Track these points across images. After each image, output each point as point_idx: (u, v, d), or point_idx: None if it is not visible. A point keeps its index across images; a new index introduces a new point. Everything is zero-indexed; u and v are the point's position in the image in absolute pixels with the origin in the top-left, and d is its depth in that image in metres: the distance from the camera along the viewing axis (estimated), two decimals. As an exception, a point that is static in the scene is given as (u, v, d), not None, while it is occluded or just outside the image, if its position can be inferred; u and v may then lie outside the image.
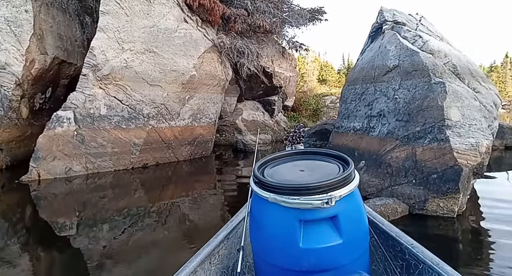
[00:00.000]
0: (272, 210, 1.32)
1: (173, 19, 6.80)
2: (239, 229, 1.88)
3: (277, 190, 1.30)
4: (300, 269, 1.28)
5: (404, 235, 1.58)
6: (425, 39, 4.99)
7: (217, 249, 1.63)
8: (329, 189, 1.24)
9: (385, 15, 5.69)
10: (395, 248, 1.58)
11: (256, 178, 1.43)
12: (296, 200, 1.23)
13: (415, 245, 1.48)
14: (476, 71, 5.33)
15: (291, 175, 1.46)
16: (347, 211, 1.30)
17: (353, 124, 5.93)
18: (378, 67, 5.48)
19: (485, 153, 4.00)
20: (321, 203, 1.21)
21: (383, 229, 1.68)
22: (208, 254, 1.53)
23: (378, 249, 1.68)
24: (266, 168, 1.57)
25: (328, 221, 1.28)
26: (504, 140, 8.89)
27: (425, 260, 1.36)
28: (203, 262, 1.49)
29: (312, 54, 46.34)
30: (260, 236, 1.44)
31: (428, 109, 4.40)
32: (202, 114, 7.67)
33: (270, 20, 8.51)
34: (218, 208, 4.72)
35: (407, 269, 1.49)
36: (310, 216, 1.26)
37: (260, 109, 11.10)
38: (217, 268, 1.62)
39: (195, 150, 7.69)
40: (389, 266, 1.59)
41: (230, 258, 1.76)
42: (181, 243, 3.43)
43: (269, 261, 1.38)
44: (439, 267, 1.30)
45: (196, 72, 7.24)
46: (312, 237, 1.26)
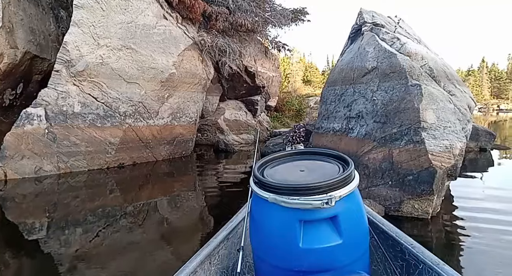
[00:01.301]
0: (272, 210, 1.32)
1: (151, 15, 6.63)
2: (239, 229, 1.88)
3: (277, 190, 1.29)
4: (300, 269, 1.28)
5: (404, 235, 1.58)
6: (402, 41, 5.04)
7: (217, 249, 1.62)
8: (329, 189, 1.24)
9: (365, 17, 5.72)
10: (395, 248, 1.58)
11: (256, 178, 1.42)
12: (296, 200, 1.23)
13: (415, 245, 1.48)
14: (451, 74, 5.42)
15: (291, 175, 1.45)
16: (347, 211, 1.30)
17: (333, 125, 5.94)
18: (357, 68, 5.50)
19: (459, 155, 4.06)
20: (321, 203, 1.21)
21: (383, 229, 1.68)
22: (208, 254, 1.53)
23: (378, 249, 1.68)
24: (266, 168, 1.56)
25: (328, 221, 1.28)
26: (478, 142, 9.13)
27: (425, 260, 1.37)
28: (203, 262, 1.49)
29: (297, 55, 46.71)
30: (260, 236, 1.44)
31: (404, 111, 4.44)
32: (182, 113, 7.52)
33: (252, 19, 8.45)
34: (198, 209, 4.62)
35: (407, 269, 1.49)
36: (310, 216, 1.26)
37: (242, 109, 11.02)
38: (217, 268, 1.62)
39: (175, 150, 7.54)
40: (389, 266, 1.59)
41: (230, 258, 1.76)
42: (159, 244, 3.33)
43: (269, 261, 1.38)
44: (439, 267, 1.30)
45: (176, 70, 7.08)
46: (312, 237, 1.26)
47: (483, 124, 22.23)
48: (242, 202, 4.78)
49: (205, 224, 3.99)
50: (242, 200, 4.85)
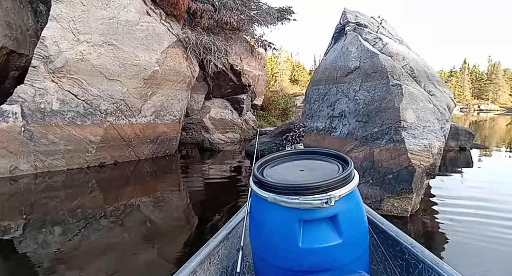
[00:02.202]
0: (271, 210, 1.32)
1: (134, 11, 6.49)
2: (238, 229, 1.87)
3: (276, 190, 1.29)
4: (300, 269, 1.27)
5: (403, 234, 1.58)
6: (384, 42, 5.11)
7: (216, 249, 1.62)
8: (328, 189, 1.23)
9: (348, 17, 5.77)
10: (394, 248, 1.58)
11: (255, 178, 1.42)
12: (296, 200, 1.23)
13: (415, 244, 1.48)
14: (432, 75, 5.52)
15: (291, 175, 1.45)
16: (347, 211, 1.30)
17: (316, 124, 5.98)
18: (340, 68, 5.54)
19: (437, 154, 4.14)
20: (321, 203, 1.21)
21: (383, 228, 1.68)
22: (207, 254, 1.52)
23: (377, 248, 1.68)
24: (265, 168, 1.56)
25: (327, 221, 1.28)
26: (459, 141, 9.33)
27: (425, 260, 1.37)
28: (203, 262, 1.48)
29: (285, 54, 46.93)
30: (259, 236, 1.43)
31: (385, 110, 4.49)
32: (165, 111, 7.42)
33: (238, 17, 8.40)
34: (183, 208, 4.56)
35: (406, 268, 1.50)
36: (310, 216, 1.26)
37: (228, 108, 10.97)
38: (217, 268, 1.62)
39: (158, 149, 7.43)
40: (389, 265, 1.59)
41: (230, 258, 1.76)
42: (141, 244, 3.26)
43: (268, 261, 1.38)
44: (439, 266, 1.30)
45: (159, 67, 6.97)
46: (311, 237, 1.26)
47: (465, 124, 22.87)
48: (228, 201, 4.76)
49: (189, 224, 3.93)
50: (227, 198, 4.85)
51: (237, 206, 4.39)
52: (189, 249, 3.05)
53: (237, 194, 5.00)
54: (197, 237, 3.38)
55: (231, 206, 4.39)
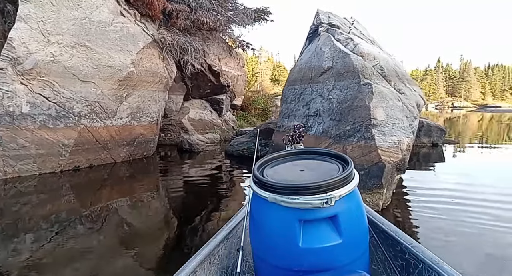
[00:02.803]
0: (271, 210, 1.32)
1: (107, 12, 6.39)
2: (238, 229, 1.87)
3: (276, 190, 1.29)
4: (300, 269, 1.27)
5: (404, 234, 1.58)
6: (356, 42, 5.26)
7: (216, 249, 1.61)
8: (328, 189, 1.23)
9: (321, 18, 5.89)
10: (394, 248, 1.58)
11: (255, 178, 1.42)
12: (296, 200, 1.23)
13: (415, 244, 1.48)
14: (402, 74, 5.73)
15: (291, 175, 1.45)
16: (347, 211, 1.30)
17: (293, 123, 6.05)
18: (314, 68, 5.66)
19: (406, 150, 4.31)
20: (321, 203, 1.21)
21: (383, 228, 1.68)
22: (207, 254, 1.52)
23: (378, 248, 1.68)
24: (266, 168, 1.56)
25: (327, 221, 1.28)
26: (431, 138, 9.68)
27: (425, 260, 1.37)
28: (203, 262, 1.48)
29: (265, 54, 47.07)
30: (259, 236, 1.43)
31: (357, 109, 4.63)
32: (142, 112, 7.33)
33: (214, 17, 8.40)
34: (162, 211, 4.50)
35: (406, 268, 1.49)
36: (310, 216, 1.26)
37: (207, 108, 10.93)
38: (217, 268, 1.61)
39: (135, 151, 7.33)
40: (389, 265, 1.59)
41: (230, 258, 1.75)
42: (119, 248, 3.20)
43: (268, 261, 1.37)
44: (439, 266, 1.30)
45: (135, 68, 6.89)
46: (311, 237, 1.26)
47: (439, 121, 23.74)
48: (208, 201, 4.74)
49: (169, 226, 3.89)
50: (207, 199, 4.84)
51: (218, 206, 4.39)
52: (169, 252, 3.04)
53: (217, 194, 5.01)
54: (177, 239, 3.35)
55: (211, 207, 4.39)
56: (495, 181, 5.39)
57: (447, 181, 5.60)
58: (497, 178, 5.62)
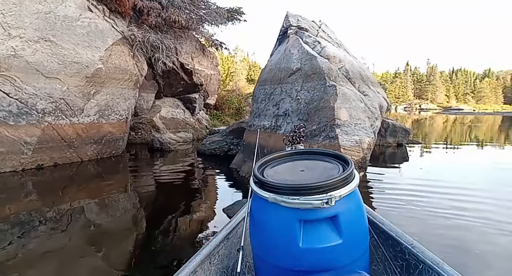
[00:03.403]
0: (272, 210, 1.31)
1: (74, 7, 6.21)
2: (239, 229, 1.85)
3: (277, 190, 1.29)
4: (300, 269, 1.27)
5: (404, 234, 1.58)
6: (323, 45, 5.46)
7: (217, 249, 1.60)
8: (329, 189, 1.23)
9: (290, 20, 6.05)
10: (395, 248, 1.57)
11: (256, 178, 1.41)
12: (296, 200, 1.23)
13: (415, 245, 1.47)
14: (367, 76, 6.00)
15: (291, 175, 1.45)
16: (347, 211, 1.30)
17: (263, 122, 6.18)
18: (284, 69, 5.80)
19: (367, 149, 4.55)
20: (321, 203, 1.21)
21: (383, 229, 1.67)
22: (208, 254, 1.50)
23: (378, 249, 1.67)
24: (266, 168, 1.55)
25: (328, 221, 1.27)
26: (396, 138, 10.12)
27: (425, 260, 1.36)
28: (203, 262, 1.46)
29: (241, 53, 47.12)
30: (260, 236, 1.42)
31: (323, 109, 4.83)
32: (111, 110, 7.18)
33: (187, 15, 8.36)
34: (131, 211, 4.40)
35: (407, 269, 1.49)
36: (310, 216, 1.26)
37: (180, 107, 10.85)
38: (217, 268, 1.60)
39: (103, 149, 7.17)
40: (389, 266, 1.59)
41: (230, 258, 1.74)
42: (86, 249, 3.10)
43: (269, 261, 1.37)
44: (439, 266, 1.30)
45: (103, 65, 6.74)
46: (312, 237, 1.26)
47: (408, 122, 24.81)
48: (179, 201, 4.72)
49: (139, 226, 3.81)
50: (179, 199, 4.81)
51: (189, 206, 4.37)
52: (139, 252, 2.99)
53: (189, 194, 4.98)
54: (148, 239, 3.30)
55: (183, 206, 4.36)
56: (451, 177, 5.76)
57: (409, 177, 5.94)
58: (453, 175, 6.02)
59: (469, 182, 5.35)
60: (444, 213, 3.79)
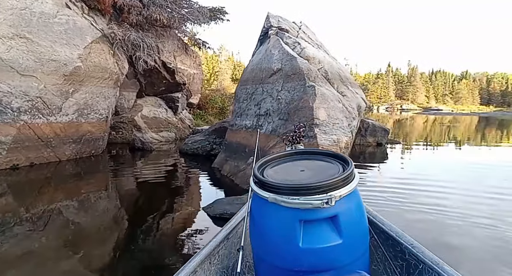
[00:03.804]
0: (272, 210, 1.31)
1: (51, 3, 6.07)
2: (239, 229, 1.84)
3: (277, 190, 1.28)
4: (300, 269, 1.27)
5: (404, 235, 1.57)
6: (303, 46, 5.56)
7: (217, 249, 1.59)
8: (329, 189, 1.23)
9: (271, 21, 6.13)
10: (395, 248, 1.57)
11: (256, 178, 1.40)
12: (296, 200, 1.23)
13: (415, 245, 1.47)
14: (346, 77, 6.15)
15: (291, 175, 1.44)
16: (347, 211, 1.30)
17: (245, 122, 6.24)
18: (265, 69, 5.87)
19: (345, 148, 4.68)
20: (321, 203, 1.20)
21: (383, 229, 1.66)
22: (208, 254, 1.49)
23: (378, 249, 1.67)
24: (266, 168, 1.55)
25: (328, 221, 1.27)
26: (376, 137, 10.34)
27: (425, 260, 1.36)
28: (203, 262, 1.45)
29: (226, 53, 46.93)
30: (260, 236, 1.42)
31: (302, 109, 4.92)
32: (90, 109, 7.06)
33: (168, 14, 8.30)
34: (112, 211, 4.33)
35: (407, 269, 1.48)
36: (310, 216, 1.25)
37: (162, 106, 10.76)
38: (217, 268, 1.59)
39: (82, 149, 7.04)
40: (389, 266, 1.59)
41: (230, 258, 1.73)
42: (64, 250, 3.03)
43: (269, 261, 1.37)
44: (439, 267, 1.30)
45: (82, 63, 6.62)
46: (312, 237, 1.26)
47: (390, 122, 25.39)
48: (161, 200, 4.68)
49: (119, 225, 3.77)
50: (161, 198, 4.77)
51: (171, 206, 4.36)
52: (120, 253, 2.96)
53: (171, 193, 4.97)
54: (128, 240, 3.26)
55: (165, 206, 4.35)
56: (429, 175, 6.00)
57: (388, 175, 6.12)
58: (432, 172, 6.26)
59: (446, 180, 5.58)
60: (422, 208, 3.98)
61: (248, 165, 5.39)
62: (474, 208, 4.05)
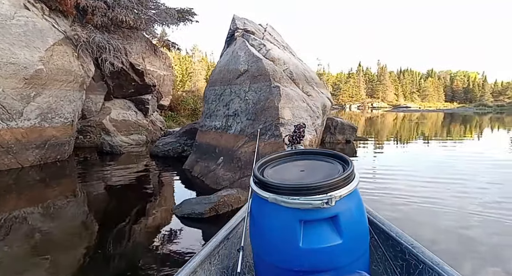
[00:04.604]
0: (272, 210, 1.31)
1: (8, 4, 5.85)
2: (239, 229, 1.84)
3: (277, 190, 1.28)
4: (300, 269, 1.27)
5: (404, 235, 1.57)
6: (268, 48, 5.70)
7: (217, 249, 1.58)
8: (329, 189, 1.23)
9: (237, 23, 6.23)
10: (395, 248, 1.57)
11: (256, 178, 1.40)
12: (296, 200, 1.22)
13: (415, 245, 1.47)
14: (311, 78, 6.35)
15: (291, 175, 1.44)
16: (347, 211, 1.30)
17: (214, 123, 6.30)
18: (232, 70, 5.97)
19: (309, 145, 4.86)
20: (321, 203, 1.20)
21: (383, 229, 1.66)
22: (208, 254, 1.49)
23: (378, 249, 1.67)
24: (266, 168, 1.54)
25: (328, 221, 1.27)
26: (345, 135, 10.72)
27: (425, 260, 1.36)
28: (203, 262, 1.45)
29: (199, 53, 46.60)
30: (260, 236, 1.41)
31: (268, 109, 5.06)
32: (54, 113, 6.84)
33: (135, 15, 8.19)
34: (81, 216, 4.25)
35: (407, 269, 1.48)
36: (310, 216, 1.25)
37: (132, 108, 10.57)
38: (217, 268, 1.59)
39: (47, 154, 6.82)
40: (389, 266, 1.59)
41: (230, 258, 1.73)
42: (30, 258, 2.92)
43: (269, 261, 1.36)
44: (439, 267, 1.30)
45: (44, 66, 6.41)
46: (312, 237, 1.26)
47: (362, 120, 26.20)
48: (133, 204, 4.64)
49: (89, 231, 3.68)
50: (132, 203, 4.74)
51: (143, 209, 4.32)
52: (89, 259, 2.90)
53: (141, 196, 4.93)
54: (99, 244, 3.22)
55: (136, 209, 4.31)
56: (398, 166, 6.41)
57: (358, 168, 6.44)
58: (399, 164, 6.67)
59: (414, 170, 6.03)
60: (391, 196, 4.34)
61: (218, 166, 5.47)
62: (440, 194, 4.50)
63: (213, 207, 3.90)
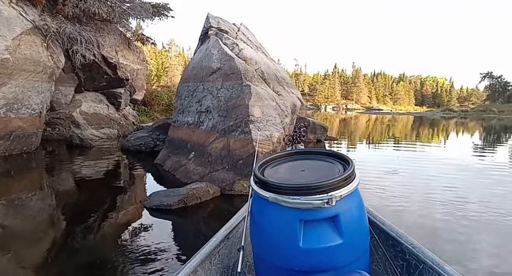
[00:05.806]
0: (272, 210, 1.32)
1: (-27, -10, 5.66)
2: (239, 229, 1.84)
3: (277, 190, 1.28)
4: (300, 269, 1.28)
5: (405, 235, 1.57)
6: (240, 47, 5.87)
7: (217, 248, 1.59)
8: (329, 189, 1.23)
9: (211, 22, 6.35)
10: (395, 248, 1.57)
11: (256, 178, 1.41)
12: (297, 200, 1.23)
13: (416, 245, 1.47)
14: (283, 78, 6.59)
15: (292, 175, 1.45)
16: (348, 211, 1.30)
17: (187, 118, 6.40)
18: (205, 68, 6.09)
19: (277, 142, 5.09)
20: (322, 203, 1.21)
21: (383, 229, 1.67)
22: (208, 254, 1.50)
23: (378, 249, 1.68)
24: (266, 168, 1.55)
25: (328, 221, 1.28)
26: (316, 134, 11.09)
27: (426, 260, 1.36)
28: (203, 261, 1.46)
29: (176, 48, 45.91)
30: (260, 236, 1.42)
31: (239, 107, 5.24)
32: (21, 104, 6.66)
33: (108, 8, 8.08)
34: (47, 209, 4.15)
35: (407, 269, 1.49)
36: (311, 216, 1.26)
37: (103, 102, 10.39)
38: (217, 267, 1.59)
39: (12, 145, 6.63)
40: (390, 266, 1.60)
41: (230, 258, 1.73)
42: None
43: (269, 261, 1.37)
44: (439, 267, 1.30)
45: (10, 55, 6.22)
46: (312, 237, 1.26)
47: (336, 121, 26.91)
48: (103, 198, 4.67)
49: (57, 225, 3.63)
50: (102, 196, 4.77)
51: (113, 204, 4.32)
52: (56, 252, 2.87)
53: (111, 190, 4.92)
54: (66, 239, 3.17)
55: (105, 203, 4.31)
56: (365, 164, 6.73)
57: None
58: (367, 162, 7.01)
59: (382, 168, 6.40)
60: None
61: (189, 160, 5.59)
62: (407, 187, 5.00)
63: (182, 199, 4.02)
